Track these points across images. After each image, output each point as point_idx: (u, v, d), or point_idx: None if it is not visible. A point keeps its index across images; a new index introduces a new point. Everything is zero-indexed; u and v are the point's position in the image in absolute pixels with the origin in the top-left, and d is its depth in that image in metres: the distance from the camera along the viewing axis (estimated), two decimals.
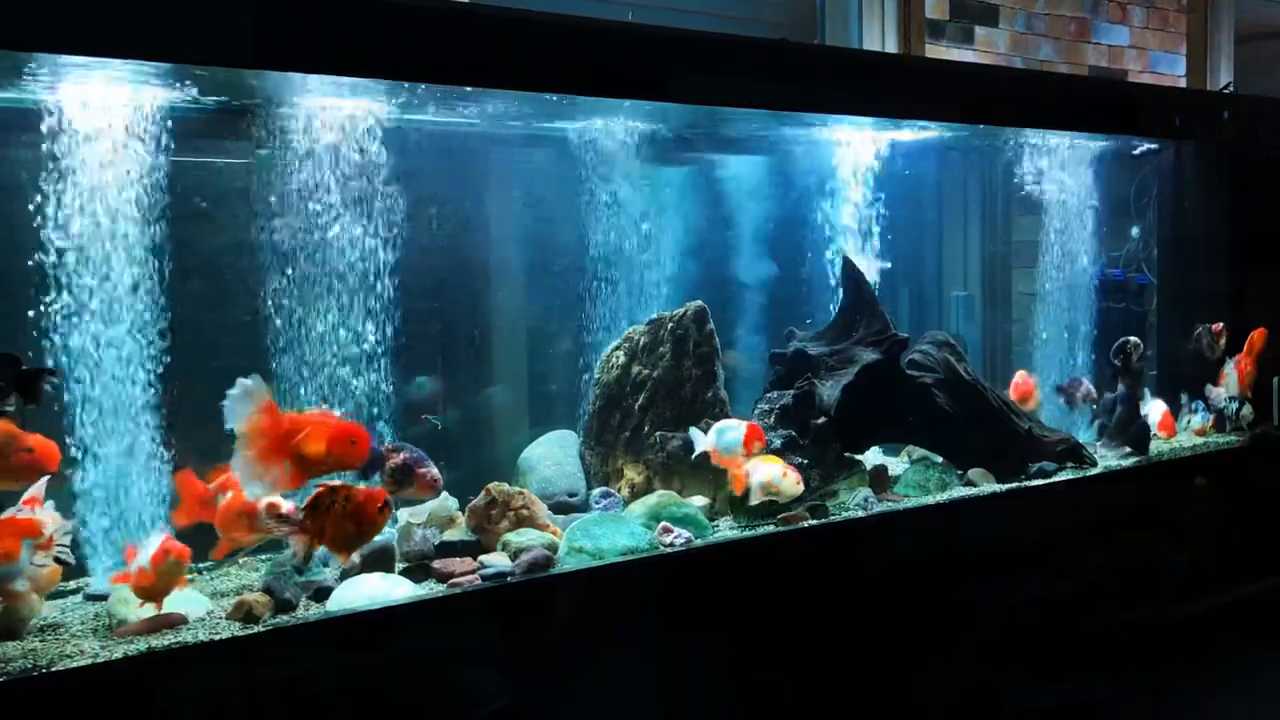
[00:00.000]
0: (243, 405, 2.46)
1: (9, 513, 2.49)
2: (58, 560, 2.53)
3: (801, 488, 3.32)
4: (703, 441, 3.39)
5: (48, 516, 2.54)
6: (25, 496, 2.53)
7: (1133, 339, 4.36)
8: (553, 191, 3.85)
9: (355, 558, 2.87)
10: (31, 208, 2.80)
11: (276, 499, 2.67)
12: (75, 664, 2.31)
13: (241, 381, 2.45)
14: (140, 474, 2.93)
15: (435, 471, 3.06)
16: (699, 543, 3.20)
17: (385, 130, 3.23)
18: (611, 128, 3.76)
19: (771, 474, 3.28)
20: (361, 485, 2.74)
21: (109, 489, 2.90)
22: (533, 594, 2.89)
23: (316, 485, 2.63)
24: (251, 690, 2.48)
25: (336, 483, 2.62)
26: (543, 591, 2.90)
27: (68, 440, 2.83)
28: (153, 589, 2.53)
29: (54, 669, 2.28)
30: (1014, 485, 3.82)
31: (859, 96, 3.63)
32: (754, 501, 3.30)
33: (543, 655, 2.86)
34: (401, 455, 3.02)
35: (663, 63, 3.24)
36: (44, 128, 2.80)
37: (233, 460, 2.50)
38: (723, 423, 3.39)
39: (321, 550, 2.65)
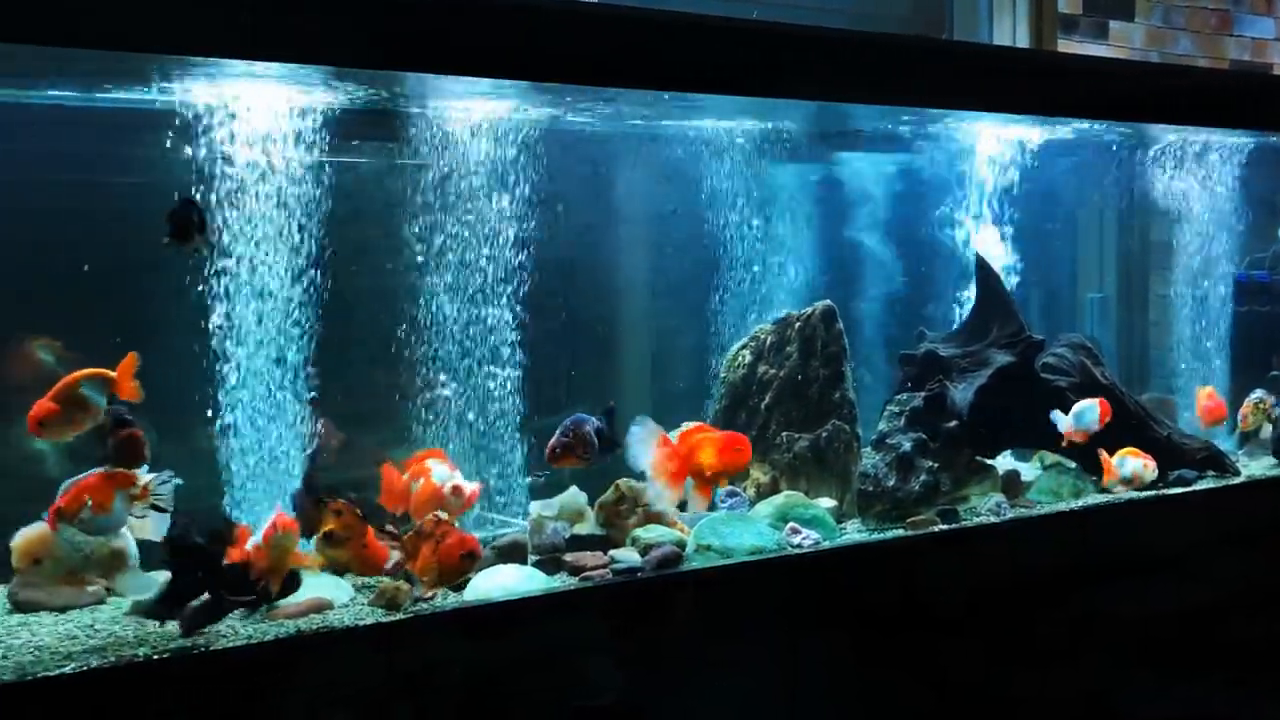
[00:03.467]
0: (642, 444, 2.91)
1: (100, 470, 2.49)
2: (155, 508, 2.50)
3: (1156, 473, 3.73)
4: (1064, 423, 3.64)
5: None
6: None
7: None
8: (681, 190, 3.86)
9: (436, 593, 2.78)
10: None
11: (464, 485, 2.92)
12: (230, 644, 2.40)
13: (636, 425, 2.93)
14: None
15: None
16: (827, 545, 3.18)
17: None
18: (737, 126, 3.77)
19: (1135, 466, 3.69)
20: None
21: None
22: (663, 589, 2.91)
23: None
24: (393, 674, 2.55)
25: (445, 517, 2.68)
26: (672, 588, 2.92)
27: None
28: (268, 566, 2.50)
29: (211, 649, 2.37)
30: (1151, 493, 3.71)
31: (999, 93, 3.54)
32: (1117, 490, 3.67)
33: (671, 650, 2.87)
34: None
35: (794, 60, 3.22)
36: None
37: (647, 489, 3.03)
38: (1081, 403, 3.66)
39: None
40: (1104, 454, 3.68)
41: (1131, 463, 3.69)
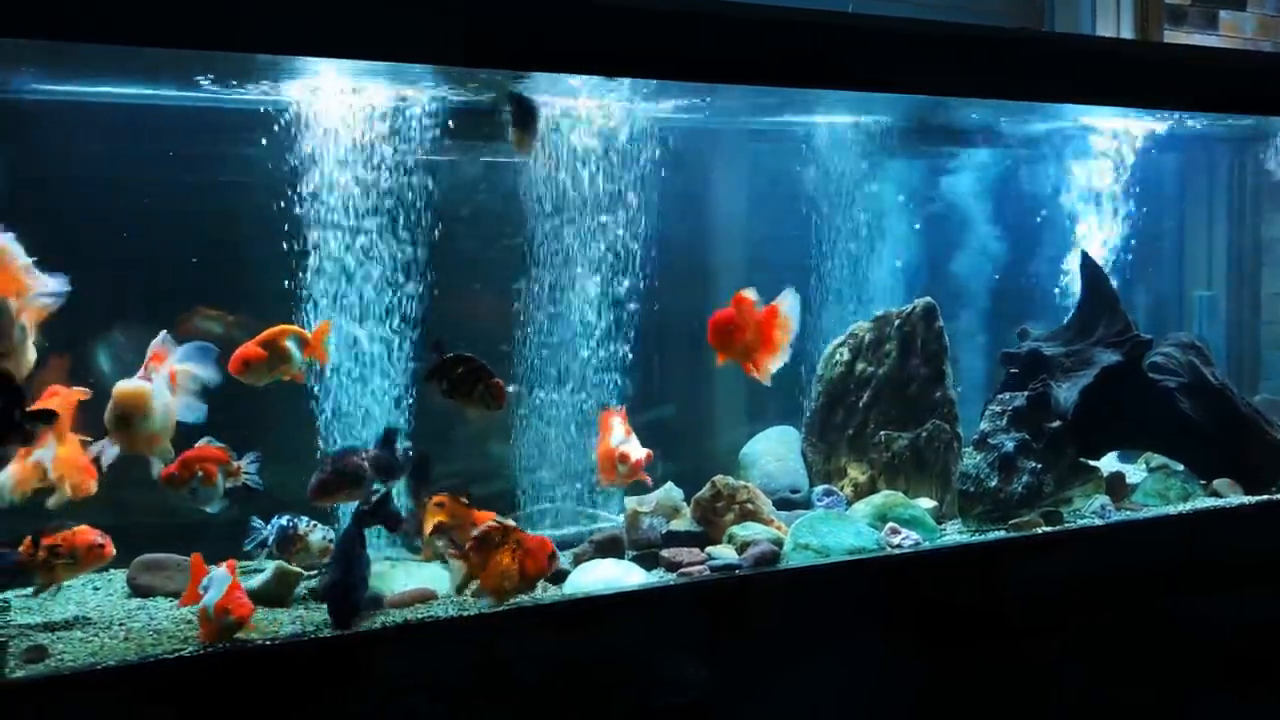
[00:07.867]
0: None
1: (202, 443, 2.62)
2: (246, 487, 2.67)
3: None
4: None
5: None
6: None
7: None
8: (778, 185, 3.84)
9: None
10: None
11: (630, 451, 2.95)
12: (338, 633, 2.45)
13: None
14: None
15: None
16: (927, 546, 3.13)
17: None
18: (834, 122, 3.73)
19: None
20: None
21: None
22: (761, 587, 2.89)
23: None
24: (494, 663, 2.57)
25: (510, 524, 2.67)
26: (771, 585, 2.90)
27: None
28: (207, 633, 2.37)
29: (320, 636, 2.42)
30: (1265, 498, 3.58)
31: (1108, 86, 3.44)
32: None
33: (768, 648, 2.85)
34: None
35: (896, 54, 3.17)
36: None
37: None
38: None
39: None
40: None
41: None
